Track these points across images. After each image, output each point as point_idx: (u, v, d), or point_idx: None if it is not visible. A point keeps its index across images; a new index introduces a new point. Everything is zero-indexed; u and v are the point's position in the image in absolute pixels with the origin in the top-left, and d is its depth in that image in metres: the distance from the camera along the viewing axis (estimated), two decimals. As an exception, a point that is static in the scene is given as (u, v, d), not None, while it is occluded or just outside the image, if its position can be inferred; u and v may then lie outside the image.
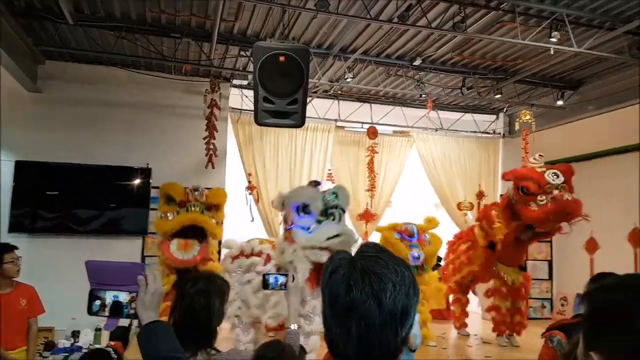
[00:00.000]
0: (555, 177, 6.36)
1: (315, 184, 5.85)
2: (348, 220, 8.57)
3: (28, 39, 6.61)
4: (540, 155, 6.88)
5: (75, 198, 7.36)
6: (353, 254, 1.13)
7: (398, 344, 1.06)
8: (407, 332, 1.07)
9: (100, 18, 6.26)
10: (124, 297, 1.43)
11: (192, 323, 1.90)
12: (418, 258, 6.46)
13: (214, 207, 6.23)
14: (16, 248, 4.11)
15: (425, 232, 6.77)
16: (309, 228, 5.28)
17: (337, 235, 5.25)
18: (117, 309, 1.43)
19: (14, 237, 6.55)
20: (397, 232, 6.67)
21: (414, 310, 1.08)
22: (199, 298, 1.94)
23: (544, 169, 6.60)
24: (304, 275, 4.89)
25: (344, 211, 5.53)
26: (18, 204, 7.11)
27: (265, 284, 2.56)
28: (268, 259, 5.71)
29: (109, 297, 1.42)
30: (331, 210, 5.37)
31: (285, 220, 5.68)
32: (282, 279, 2.54)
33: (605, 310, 0.97)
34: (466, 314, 8.12)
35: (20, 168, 7.13)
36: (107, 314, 1.44)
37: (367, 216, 8.66)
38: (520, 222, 6.62)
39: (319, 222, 5.31)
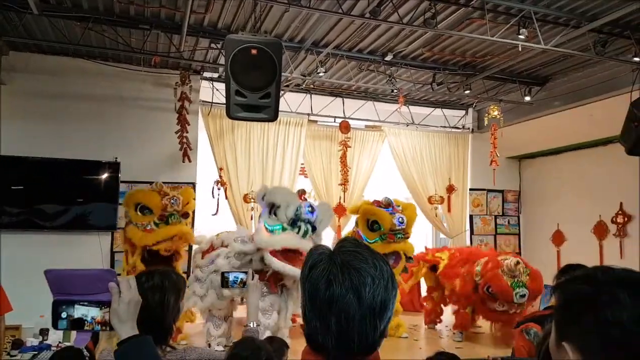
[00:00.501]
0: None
1: (302, 192, 5.84)
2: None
3: (-10, 29, 6.41)
4: None
5: (41, 193, 7.17)
6: (332, 248, 1.14)
7: (377, 337, 1.08)
8: (385, 326, 1.09)
9: (67, 8, 6.08)
10: (94, 309, 1.24)
11: (146, 319, 1.83)
12: (402, 222, 6.66)
13: (187, 213, 6.28)
14: None
15: (397, 203, 7.01)
16: (272, 230, 5.23)
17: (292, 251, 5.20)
18: (86, 323, 1.26)
19: (-23, 233, 6.37)
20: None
21: (392, 304, 1.10)
22: (154, 294, 1.85)
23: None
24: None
25: (314, 229, 5.47)
26: (-19, 199, 6.89)
27: (224, 282, 2.51)
28: None
29: (78, 309, 1.23)
30: (299, 222, 5.32)
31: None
32: (241, 276, 2.49)
33: (575, 301, 0.99)
34: (440, 310, 7.94)
35: (-17, 162, 6.92)
36: (76, 328, 1.26)
37: (340, 210, 8.71)
38: None
39: (284, 229, 5.27)
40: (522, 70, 8.05)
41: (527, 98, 8.30)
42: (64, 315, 1.24)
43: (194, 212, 7.14)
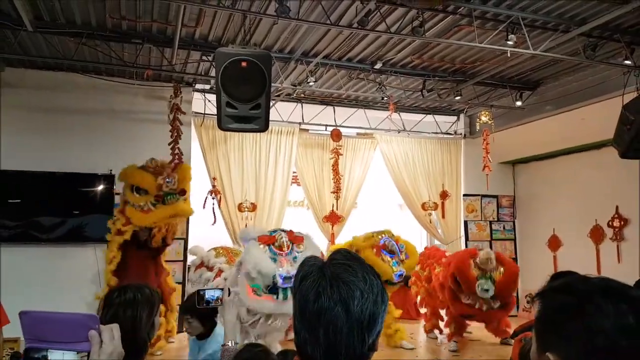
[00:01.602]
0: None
1: (291, 233, 5.32)
2: (316, 228, 8.66)
3: (-15, 46, 6.51)
4: None
5: (37, 206, 7.24)
6: (325, 259, 1.16)
7: (365, 350, 1.08)
8: (374, 340, 1.10)
9: (60, 25, 6.17)
10: (69, 354, 1.09)
11: None
12: (401, 276, 6.39)
13: (184, 190, 6.20)
14: None
15: (399, 241, 6.69)
16: (255, 287, 4.97)
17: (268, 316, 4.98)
18: None
19: (-25, 247, 6.43)
20: (375, 248, 6.45)
21: (381, 318, 1.11)
22: (125, 309, 1.83)
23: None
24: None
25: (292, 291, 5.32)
26: (-21, 213, 6.96)
27: (199, 300, 2.41)
28: (219, 273, 5.66)
29: (52, 353, 1.09)
30: (276, 288, 4.99)
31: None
32: (217, 294, 2.41)
33: (558, 311, 1.00)
34: (439, 317, 7.75)
35: (-20, 176, 6.99)
36: None
37: (333, 218, 8.75)
38: None
39: (264, 291, 4.99)
40: (513, 75, 8.10)
41: (519, 103, 8.34)
42: None
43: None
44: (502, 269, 6.46)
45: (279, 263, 4.86)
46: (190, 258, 7.15)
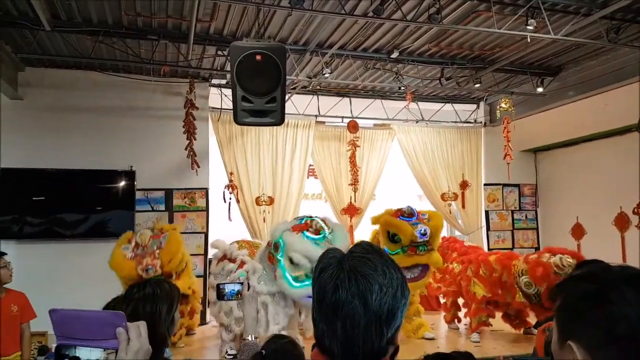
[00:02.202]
0: None
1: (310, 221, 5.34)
2: (334, 221, 8.63)
3: (6, 47, 6.61)
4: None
5: (61, 202, 7.40)
6: (344, 252, 1.15)
7: (383, 344, 1.08)
8: (393, 334, 1.10)
9: (77, 23, 6.24)
10: (96, 351, 1.11)
11: None
12: (425, 234, 6.21)
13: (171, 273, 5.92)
14: (5, 254, 4.17)
15: (422, 212, 6.65)
16: (296, 278, 4.92)
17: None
18: None
19: (2, 243, 6.57)
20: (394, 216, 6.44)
21: (401, 312, 1.10)
22: (145, 304, 1.83)
23: None
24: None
25: None
26: (5, 210, 7.13)
27: (219, 295, 2.44)
28: (241, 265, 5.70)
29: (84, 356, 1.11)
30: None
31: (275, 250, 5.17)
32: (237, 288, 2.43)
33: (581, 300, 0.99)
34: (458, 307, 7.61)
35: (6, 175, 7.14)
36: None
37: (352, 210, 8.71)
38: None
39: (307, 276, 4.95)
40: (533, 61, 7.94)
41: (540, 89, 8.18)
42: None
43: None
44: None
45: (322, 245, 4.83)
46: (212, 252, 7.21)
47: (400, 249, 6.29)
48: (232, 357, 5.07)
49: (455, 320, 7.67)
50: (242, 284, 2.46)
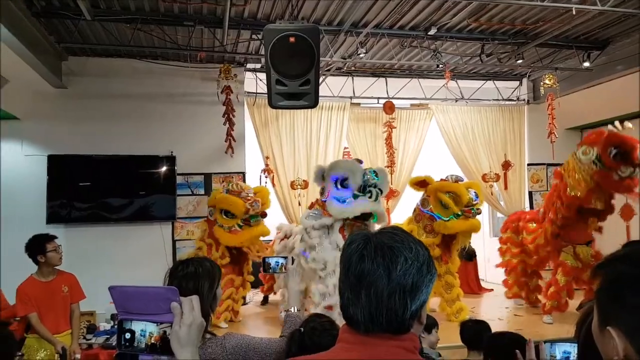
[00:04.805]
0: None
1: (359, 161, 5.99)
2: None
3: (50, 37, 6.84)
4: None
5: (106, 188, 7.66)
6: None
7: (407, 316, 1.09)
8: (417, 307, 1.11)
9: (116, 12, 6.39)
10: (152, 329, 1.16)
11: None
12: (477, 196, 6.55)
13: (265, 213, 6.70)
14: (55, 237, 4.36)
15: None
16: (344, 201, 5.47)
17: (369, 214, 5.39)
18: (149, 345, 1.17)
19: (52, 227, 6.86)
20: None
21: (425, 287, 1.11)
22: (187, 282, 1.92)
23: None
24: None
25: (381, 191, 5.76)
26: (53, 196, 7.43)
27: (265, 267, 2.57)
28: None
29: (139, 329, 1.16)
30: (369, 187, 5.59)
31: (322, 193, 5.98)
32: (282, 261, 2.55)
33: (618, 282, 0.94)
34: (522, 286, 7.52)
35: (53, 162, 7.44)
36: (138, 349, 1.17)
37: (388, 193, 8.61)
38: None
39: (355, 196, 5.49)
40: (579, 34, 7.60)
41: (586, 64, 7.85)
42: (127, 335, 1.17)
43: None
44: None
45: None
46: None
47: (454, 214, 6.41)
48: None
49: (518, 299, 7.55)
50: (286, 257, 2.59)
